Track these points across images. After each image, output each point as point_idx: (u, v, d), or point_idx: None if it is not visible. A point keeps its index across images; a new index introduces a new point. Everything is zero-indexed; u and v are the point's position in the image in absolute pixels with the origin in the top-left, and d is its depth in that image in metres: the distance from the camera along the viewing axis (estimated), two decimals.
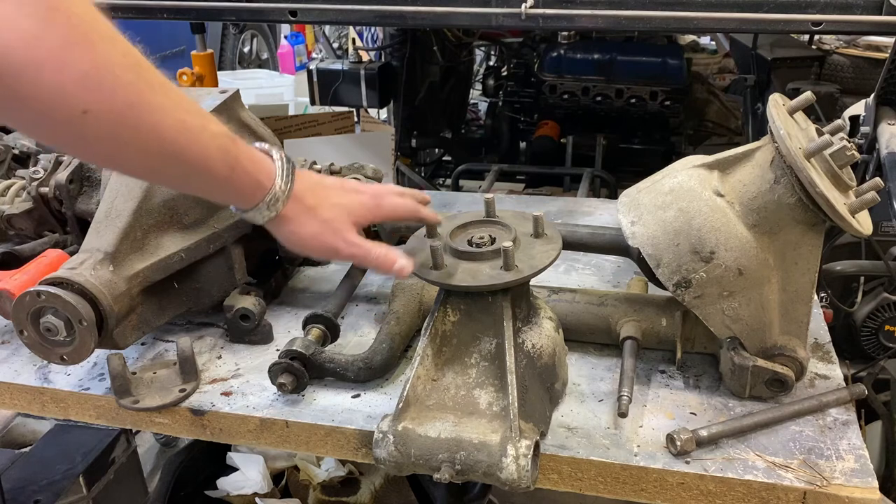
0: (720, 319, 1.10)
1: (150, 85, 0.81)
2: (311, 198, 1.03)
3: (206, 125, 0.89)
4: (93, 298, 1.10)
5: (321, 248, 1.05)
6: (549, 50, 3.33)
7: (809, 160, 1.01)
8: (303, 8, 1.81)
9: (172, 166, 0.87)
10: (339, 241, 1.04)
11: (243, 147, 0.95)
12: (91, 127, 0.76)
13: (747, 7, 1.59)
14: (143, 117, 0.80)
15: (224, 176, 0.92)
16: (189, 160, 0.87)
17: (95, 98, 0.75)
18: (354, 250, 1.05)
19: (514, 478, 0.94)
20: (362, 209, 1.08)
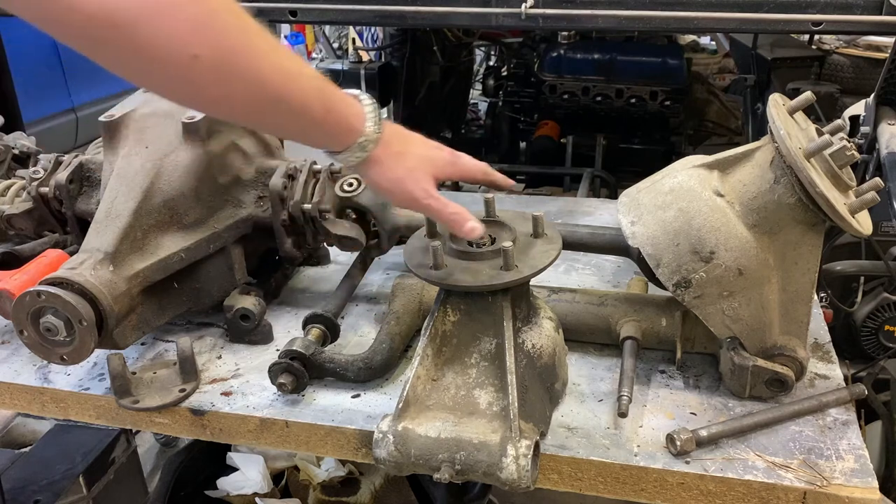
0: (720, 319, 1.10)
1: (252, 30, 0.84)
2: (397, 144, 1.05)
3: (301, 69, 0.92)
4: (93, 298, 1.10)
5: (402, 195, 1.06)
6: (549, 50, 3.33)
7: (809, 160, 1.01)
8: (303, 8, 1.81)
9: (274, 109, 0.90)
10: (420, 190, 1.05)
11: (336, 90, 0.98)
12: (201, 71, 0.80)
13: (747, 7, 1.59)
14: (247, 61, 0.83)
15: (320, 118, 0.95)
16: (289, 102, 0.90)
17: (205, 42, 0.79)
18: (432, 202, 1.06)
19: (514, 478, 0.94)
20: (443, 163, 1.10)
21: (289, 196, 1.31)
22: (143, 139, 1.28)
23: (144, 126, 1.29)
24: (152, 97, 1.37)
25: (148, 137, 1.28)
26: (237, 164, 1.33)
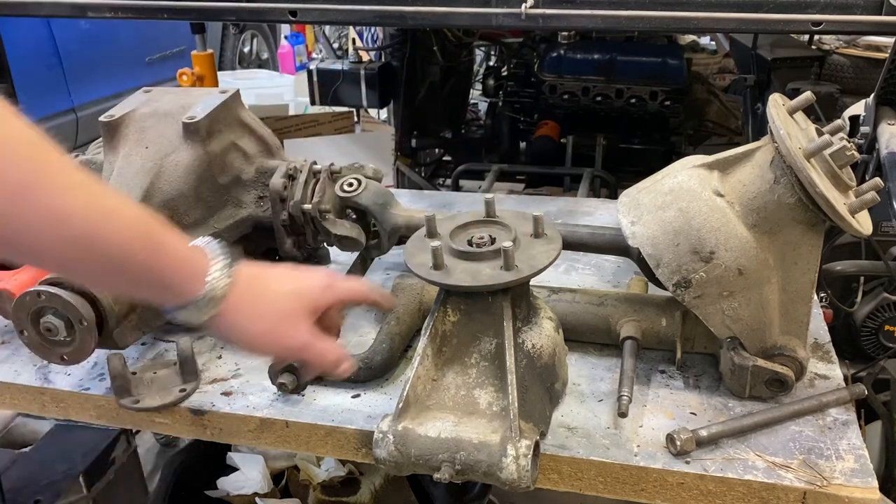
0: (720, 319, 1.10)
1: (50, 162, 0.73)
2: (256, 287, 0.93)
3: (119, 206, 0.80)
4: (93, 298, 1.10)
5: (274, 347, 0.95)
6: (549, 50, 3.33)
7: (809, 160, 1.01)
8: (303, 8, 1.81)
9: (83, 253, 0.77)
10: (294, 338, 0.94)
11: (171, 233, 0.85)
12: None
13: (747, 7, 1.59)
14: (41, 195, 0.72)
15: (144, 259, 0.81)
16: (100, 243, 0.77)
17: None
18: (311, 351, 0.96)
19: (514, 478, 0.94)
20: (316, 293, 0.97)
21: (289, 196, 1.31)
22: (143, 139, 1.28)
23: (144, 126, 1.29)
24: (153, 97, 1.37)
25: (148, 137, 1.28)
26: (237, 164, 1.33)
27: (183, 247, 0.86)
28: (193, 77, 2.68)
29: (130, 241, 0.79)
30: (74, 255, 0.77)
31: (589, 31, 3.34)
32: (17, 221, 0.71)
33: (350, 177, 1.36)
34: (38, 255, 0.77)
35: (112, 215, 0.78)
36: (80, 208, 0.75)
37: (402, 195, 1.90)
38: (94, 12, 1.83)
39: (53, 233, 0.74)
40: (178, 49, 5.14)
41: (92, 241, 0.76)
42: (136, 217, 0.81)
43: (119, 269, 0.81)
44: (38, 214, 0.72)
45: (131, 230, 0.80)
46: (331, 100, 3.22)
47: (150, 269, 0.82)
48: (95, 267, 0.80)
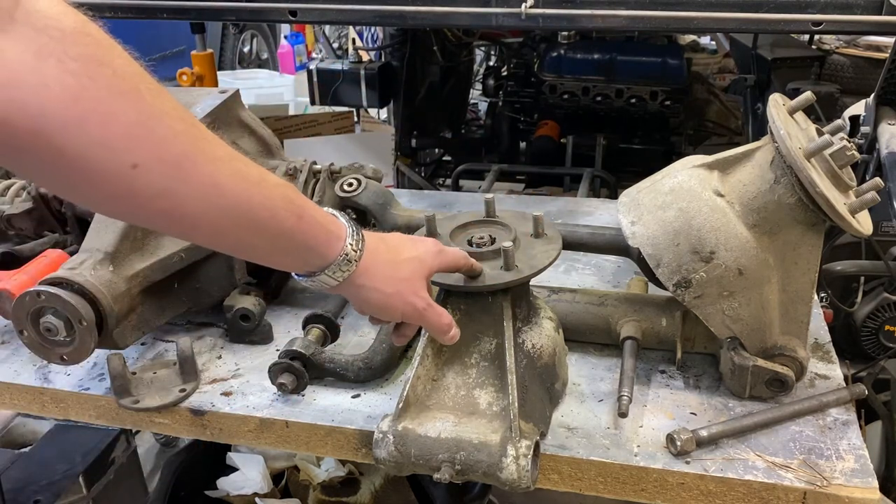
0: (720, 319, 1.10)
1: (203, 135, 0.76)
2: (385, 251, 0.96)
3: (264, 175, 0.83)
4: (93, 298, 1.10)
5: (404, 308, 0.97)
6: (549, 50, 3.33)
7: (809, 160, 1.01)
8: (303, 8, 1.81)
9: (236, 220, 0.79)
10: (420, 299, 0.97)
11: (306, 199, 0.89)
12: (142, 181, 0.71)
13: (747, 7, 1.59)
14: (198, 167, 0.74)
15: (292, 226, 0.84)
16: (252, 210, 0.80)
17: (145, 149, 0.70)
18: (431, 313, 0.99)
19: (514, 478, 0.94)
20: (431, 259, 1.00)
21: None
22: None
23: None
24: None
25: None
26: None
27: (320, 214, 0.89)
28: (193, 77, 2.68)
29: (277, 209, 0.82)
30: (227, 224, 0.79)
31: (589, 31, 3.34)
32: (178, 195, 0.74)
33: (350, 177, 1.36)
34: (193, 227, 0.79)
35: (260, 185, 0.80)
36: (232, 179, 0.77)
37: (402, 195, 1.90)
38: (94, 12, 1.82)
39: (209, 203, 0.76)
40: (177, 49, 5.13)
41: (244, 210, 0.79)
42: (279, 185, 0.84)
43: (267, 236, 0.83)
44: (195, 186, 0.74)
45: (277, 198, 0.82)
46: (331, 100, 3.22)
47: (294, 234, 0.85)
48: (246, 235, 0.82)
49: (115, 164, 0.69)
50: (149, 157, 0.71)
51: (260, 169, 0.83)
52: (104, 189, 0.71)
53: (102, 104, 0.67)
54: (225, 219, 0.79)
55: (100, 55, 0.68)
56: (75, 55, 0.66)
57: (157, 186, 0.72)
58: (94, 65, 0.67)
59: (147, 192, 0.72)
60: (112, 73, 0.68)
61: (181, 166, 0.73)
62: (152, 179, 0.71)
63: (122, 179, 0.70)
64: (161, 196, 0.73)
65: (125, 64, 0.71)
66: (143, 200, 0.73)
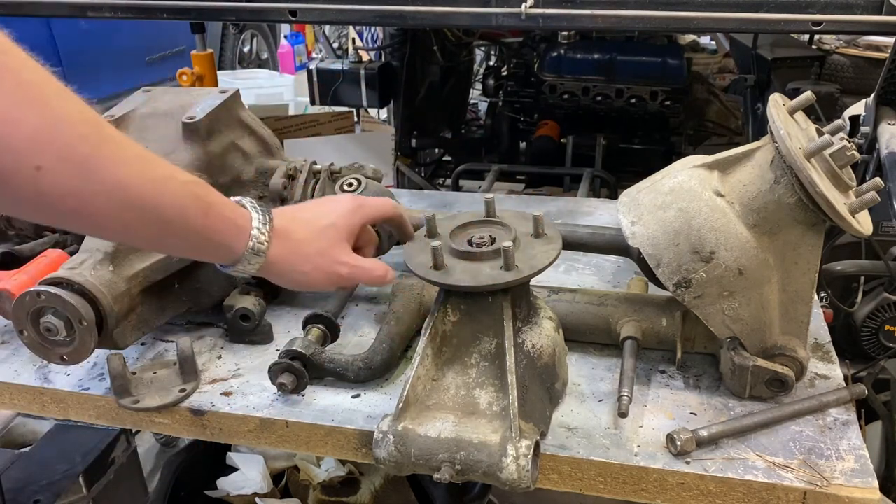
0: (720, 319, 1.10)
1: (109, 137, 0.79)
2: (296, 230, 0.99)
3: (172, 174, 0.85)
4: (93, 298, 1.10)
5: (327, 281, 1.01)
6: (549, 50, 3.33)
7: (809, 160, 1.01)
8: (303, 8, 1.81)
9: (144, 218, 0.83)
10: (342, 266, 1.01)
11: (214, 193, 0.91)
12: (47, 183, 0.74)
13: (747, 7, 1.59)
14: (102, 168, 0.77)
15: (200, 223, 0.87)
16: (159, 209, 0.83)
17: (49, 152, 0.73)
18: (356, 272, 1.02)
19: (514, 478, 0.94)
20: (346, 219, 1.03)
21: (289, 196, 1.31)
22: (143, 139, 1.28)
23: (144, 126, 1.29)
24: (152, 97, 1.37)
25: (148, 137, 1.28)
26: (237, 164, 1.33)
27: (228, 207, 0.92)
28: (193, 77, 2.68)
29: (184, 206, 0.85)
30: (135, 222, 0.82)
31: (589, 31, 3.34)
32: (84, 194, 0.77)
33: (350, 177, 1.36)
34: (101, 225, 0.82)
35: (167, 183, 0.83)
36: (139, 178, 0.80)
37: (402, 195, 1.90)
38: (94, 12, 1.83)
39: (116, 202, 0.79)
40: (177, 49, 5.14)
41: (150, 208, 0.82)
42: (186, 182, 0.86)
43: (175, 232, 0.86)
44: (102, 187, 0.77)
45: (184, 195, 0.85)
46: (331, 100, 3.22)
47: (202, 230, 0.88)
48: (154, 231, 0.85)
49: (20, 166, 0.72)
50: (53, 159, 0.73)
51: (168, 167, 0.85)
52: (10, 191, 0.74)
53: (6, 110, 0.70)
54: (133, 217, 0.82)
55: (4, 62, 0.70)
56: None
57: (63, 187, 0.75)
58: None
59: (53, 193, 0.75)
60: (16, 79, 0.71)
61: (86, 167, 0.76)
62: (57, 181, 0.74)
63: (27, 181, 0.73)
64: (68, 196, 0.76)
65: (30, 71, 0.73)
66: (50, 200, 0.76)
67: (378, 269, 1.06)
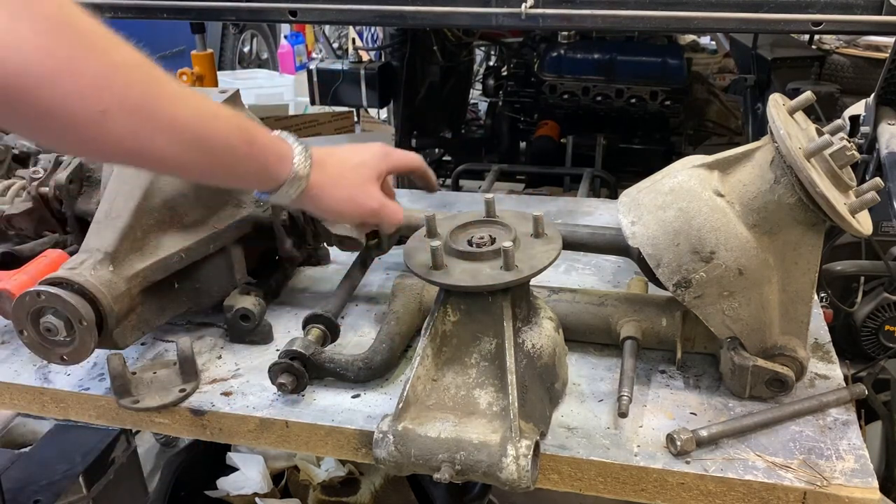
0: (720, 319, 1.10)
1: (159, 79, 0.84)
2: (332, 164, 1.05)
3: (218, 109, 0.92)
4: (93, 298, 1.10)
5: (358, 211, 1.07)
6: (549, 50, 3.33)
7: (809, 160, 1.01)
8: (303, 8, 1.81)
9: (196, 151, 0.89)
10: (374, 200, 1.08)
11: (257, 126, 0.98)
12: (111, 125, 0.79)
13: (747, 7, 1.59)
14: (158, 108, 0.83)
15: (245, 153, 0.94)
16: (210, 142, 0.89)
17: (111, 96, 0.78)
18: (383, 210, 1.09)
19: (514, 478, 0.94)
20: (377, 161, 1.10)
21: None
22: None
23: None
24: None
25: None
26: None
27: (270, 138, 0.98)
28: (193, 77, 2.68)
29: (231, 138, 0.91)
30: (189, 157, 0.88)
31: (589, 31, 3.34)
32: (144, 134, 0.83)
33: None
34: (159, 161, 0.88)
35: (215, 118, 0.90)
36: (191, 116, 0.86)
37: (402, 195, 1.90)
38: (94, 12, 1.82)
39: (173, 139, 0.85)
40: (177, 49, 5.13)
41: (203, 143, 0.88)
42: (232, 116, 0.93)
43: (224, 163, 0.93)
44: (159, 126, 0.83)
45: (231, 128, 0.91)
46: (331, 100, 3.22)
47: (248, 159, 0.95)
48: (205, 163, 0.91)
49: (87, 111, 0.77)
50: (116, 103, 0.79)
51: (213, 103, 0.92)
52: (79, 134, 0.80)
53: (72, 59, 0.75)
54: (187, 152, 0.88)
55: (64, 15, 0.76)
56: (43, 16, 0.73)
57: (125, 129, 0.81)
58: (60, 24, 0.75)
59: (117, 135, 0.81)
60: (76, 30, 0.76)
61: (145, 108, 0.82)
62: (120, 123, 0.80)
63: (94, 125, 0.79)
64: (130, 137, 0.82)
65: (85, 21, 0.78)
66: (114, 142, 0.82)
67: (398, 210, 1.12)
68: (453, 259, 1.07)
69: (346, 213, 1.08)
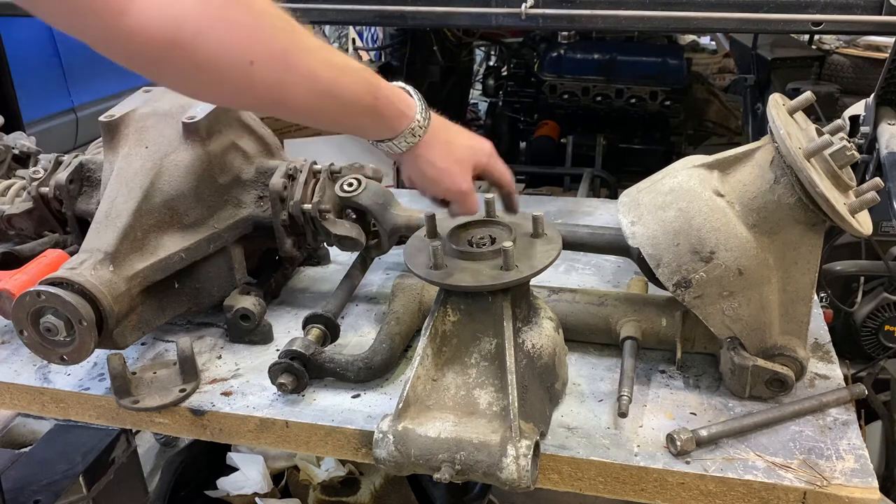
0: (720, 319, 1.10)
1: (298, 30, 0.88)
2: (444, 133, 1.08)
3: (347, 62, 0.95)
4: (93, 298, 1.10)
5: (449, 184, 1.09)
6: (549, 50, 3.33)
7: (809, 160, 1.01)
8: (303, 8, 1.81)
9: (328, 102, 0.93)
10: (465, 182, 1.09)
11: (382, 80, 1.01)
12: (258, 75, 0.84)
13: (747, 7, 1.59)
14: (299, 60, 0.88)
15: (370, 105, 0.98)
16: (341, 94, 0.93)
17: (259, 47, 0.83)
18: (468, 196, 1.10)
19: (514, 478, 0.94)
20: (483, 156, 1.12)
21: (289, 196, 1.31)
22: (143, 139, 1.28)
23: (144, 126, 1.29)
24: (152, 97, 1.37)
25: (148, 137, 1.28)
26: (237, 164, 1.33)
27: (393, 90, 1.02)
28: None
29: (359, 90, 0.96)
30: (321, 105, 0.94)
31: (589, 31, 3.34)
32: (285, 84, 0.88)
33: (350, 177, 1.36)
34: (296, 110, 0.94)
35: (345, 70, 0.94)
36: (325, 67, 0.91)
37: (402, 195, 1.89)
38: None
39: (308, 90, 0.90)
40: None
41: (334, 94, 0.93)
42: (359, 68, 0.97)
43: (351, 112, 0.97)
44: (298, 76, 0.88)
45: (359, 79, 0.96)
46: None
47: (372, 108, 0.99)
48: (334, 112, 0.96)
49: (238, 62, 0.82)
50: (262, 53, 0.84)
51: (341, 55, 0.96)
52: (230, 84, 0.85)
53: (222, 12, 0.81)
54: (320, 101, 0.93)
55: None
56: None
57: (270, 79, 0.86)
58: None
59: (263, 84, 0.86)
60: None
61: (286, 59, 0.86)
62: (265, 73, 0.85)
63: (243, 75, 0.83)
64: (274, 86, 0.87)
65: None
66: (259, 91, 0.86)
67: (476, 207, 1.14)
68: (453, 259, 1.07)
69: (439, 181, 1.09)
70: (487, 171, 1.14)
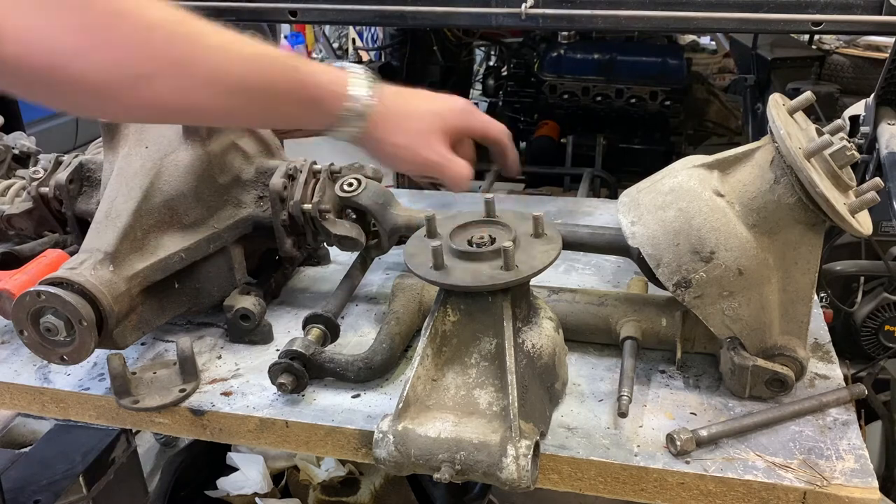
0: (720, 319, 1.10)
1: (198, 33, 0.83)
2: (402, 104, 1.00)
3: (261, 51, 0.89)
4: (93, 298, 1.10)
5: (416, 161, 1.02)
6: (549, 50, 3.33)
7: (809, 160, 1.01)
8: (303, 8, 1.81)
9: (241, 99, 0.87)
10: (432, 153, 1.01)
11: (312, 64, 0.94)
12: (155, 88, 0.79)
13: (747, 7, 1.59)
14: (198, 63, 0.82)
15: (290, 90, 0.91)
16: (253, 86, 0.87)
17: (150, 61, 0.78)
18: (445, 164, 1.02)
19: (514, 478, 0.94)
20: (454, 116, 1.04)
21: (289, 196, 1.31)
22: (143, 139, 1.28)
23: (144, 126, 1.29)
24: None
25: (148, 137, 1.28)
26: (237, 163, 1.33)
27: (322, 71, 0.94)
28: None
29: (276, 80, 0.89)
30: (234, 105, 0.87)
31: (589, 31, 3.34)
32: (186, 90, 0.82)
33: (350, 177, 1.36)
34: (205, 113, 0.89)
35: (256, 60, 0.87)
36: (230, 63, 0.85)
37: (402, 195, 1.90)
38: None
39: (215, 90, 0.84)
40: None
41: (247, 89, 0.87)
42: (275, 56, 0.90)
43: (271, 104, 0.91)
44: (201, 79, 0.83)
45: (276, 70, 0.89)
46: None
47: (294, 95, 0.92)
48: (254, 109, 0.90)
49: (126, 78, 0.78)
50: (155, 65, 0.79)
51: (259, 46, 0.89)
52: (122, 101, 0.80)
53: (103, 29, 0.75)
54: (231, 100, 0.86)
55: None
56: None
57: (169, 88, 0.81)
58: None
59: (161, 96, 0.81)
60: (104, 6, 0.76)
61: (183, 65, 0.81)
62: (163, 84, 0.80)
63: (135, 90, 0.79)
64: (174, 94, 0.81)
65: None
66: (160, 103, 0.81)
67: (465, 168, 1.04)
68: (453, 259, 1.07)
69: (405, 159, 1.02)
70: (468, 129, 1.05)
